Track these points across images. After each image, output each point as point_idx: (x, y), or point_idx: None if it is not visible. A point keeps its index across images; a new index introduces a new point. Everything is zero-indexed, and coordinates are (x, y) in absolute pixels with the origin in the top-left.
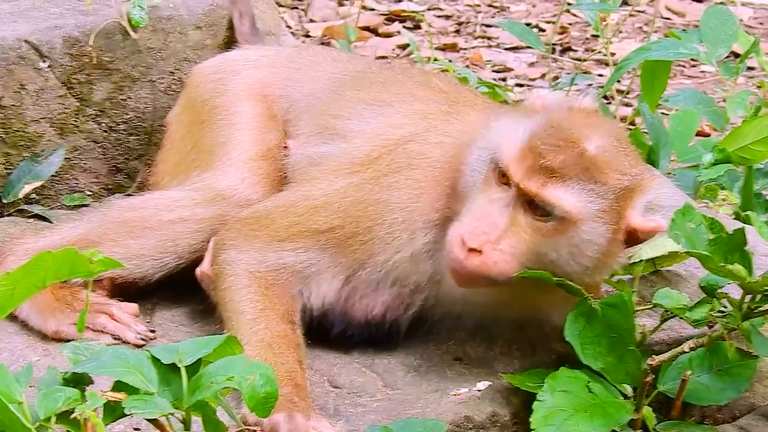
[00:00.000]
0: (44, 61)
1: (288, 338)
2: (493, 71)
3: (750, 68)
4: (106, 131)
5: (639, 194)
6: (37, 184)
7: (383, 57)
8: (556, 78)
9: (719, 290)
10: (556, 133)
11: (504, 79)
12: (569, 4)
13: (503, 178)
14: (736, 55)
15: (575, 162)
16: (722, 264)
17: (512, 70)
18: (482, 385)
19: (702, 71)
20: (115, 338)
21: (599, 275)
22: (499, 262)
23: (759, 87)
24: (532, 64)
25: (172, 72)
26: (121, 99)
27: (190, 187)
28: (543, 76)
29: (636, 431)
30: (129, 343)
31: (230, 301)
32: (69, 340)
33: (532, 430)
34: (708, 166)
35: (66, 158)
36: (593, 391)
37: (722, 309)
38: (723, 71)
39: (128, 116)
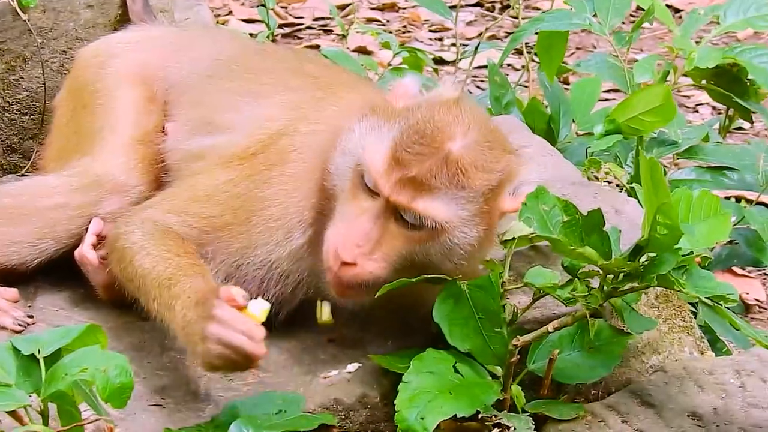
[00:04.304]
0: None
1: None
2: (430, 31)
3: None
4: None
5: (508, 184)
6: None
7: (321, 18)
8: (493, 37)
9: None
10: (419, 139)
11: (441, 39)
12: None
13: (370, 189)
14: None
15: (441, 170)
16: (572, 247)
17: (450, 29)
18: (352, 367)
19: None
20: None
21: (475, 265)
22: (374, 270)
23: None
24: (469, 23)
25: (64, 51)
26: (13, 79)
27: (68, 172)
28: (480, 35)
29: (503, 411)
30: (7, 328)
31: (139, 267)
32: None
33: (397, 411)
34: (599, 137)
35: None
36: (460, 372)
37: (590, 288)
38: (616, 41)
39: (21, 96)
